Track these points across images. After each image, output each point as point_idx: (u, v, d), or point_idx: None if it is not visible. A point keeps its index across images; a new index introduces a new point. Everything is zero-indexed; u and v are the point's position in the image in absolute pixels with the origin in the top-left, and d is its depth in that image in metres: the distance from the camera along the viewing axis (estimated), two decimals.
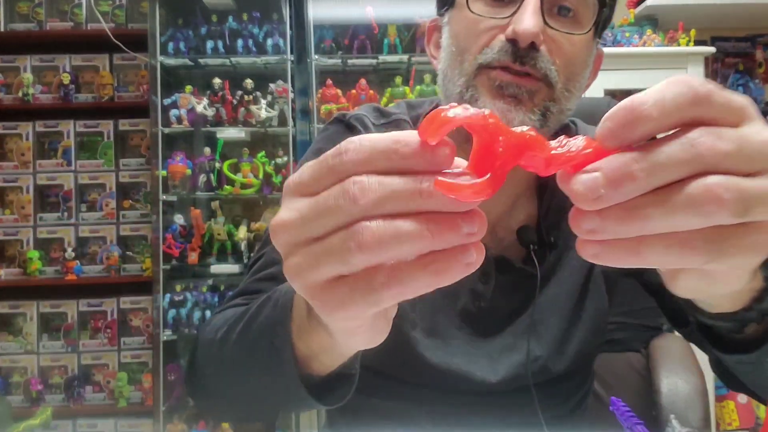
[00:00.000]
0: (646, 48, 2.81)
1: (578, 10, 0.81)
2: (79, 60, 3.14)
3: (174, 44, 2.91)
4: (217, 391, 0.77)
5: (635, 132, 0.35)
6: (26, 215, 3.08)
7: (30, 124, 3.10)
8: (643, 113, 0.34)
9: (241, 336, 0.69)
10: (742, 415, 2.86)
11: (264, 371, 0.65)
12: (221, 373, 0.74)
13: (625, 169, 0.34)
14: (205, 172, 2.91)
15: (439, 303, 0.90)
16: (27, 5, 3.14)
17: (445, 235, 0.35)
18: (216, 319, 0.79)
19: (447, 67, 0.86)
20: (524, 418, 0.89)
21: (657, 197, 0.34)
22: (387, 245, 0.35)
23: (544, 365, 0.90)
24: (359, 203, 0.35)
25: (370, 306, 0.37)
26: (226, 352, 0.72)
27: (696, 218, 0.34)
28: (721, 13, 3.07)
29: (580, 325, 0.93)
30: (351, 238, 0.35)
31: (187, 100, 2.88)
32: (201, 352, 0.78)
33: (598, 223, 0.34)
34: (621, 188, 0.34)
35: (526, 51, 0.77)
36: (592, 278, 0.93)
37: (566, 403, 0.97)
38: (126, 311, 3.07)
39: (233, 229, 2.95)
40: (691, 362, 1.35)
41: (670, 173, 0.34)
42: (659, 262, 0.36)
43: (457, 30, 0.84)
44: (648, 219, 0.34)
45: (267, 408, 0.74)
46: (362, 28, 2.96)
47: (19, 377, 3.02)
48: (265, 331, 0.64)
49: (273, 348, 0.61)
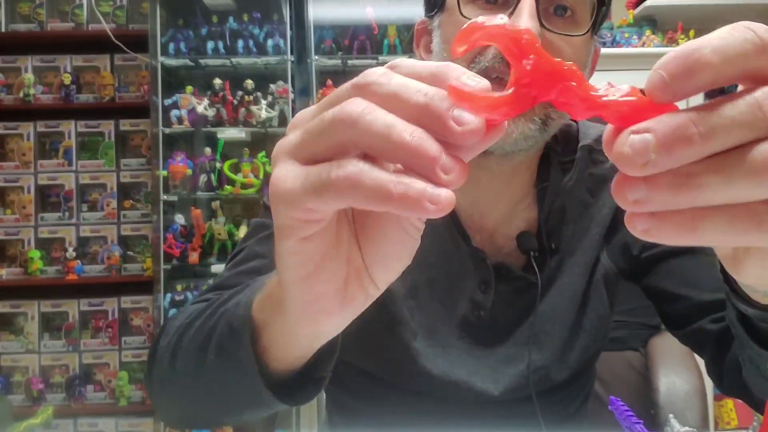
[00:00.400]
0: (646, 49, 2.82)
1: (575, 9, 0.78)
2: (80, 60, 3.14)
3: (174, 45, 2.92)
4: (171, 383, 0.71)
5: (691, 83, 0.30)
6: (27, 215, 3.09)
7: (31, 125, 3.10)
8: (701, 60, 0.30)
9: (203, 323, 0.65)
10: (741, 414, 2.87)
11: (218, 361, 0.60)
12: (177, 361, 0.68)
13: (682, 132, 0.29)
14: (206, 172, 2.91)
15: (438, 312, 0.89)
16: (28, 6, 3.14)
17: (420, 156, 0.32)
18: (187, 309, 0.75)
19: None
20: (526, 427, 0.89)
21: (715, 163, 0.30)
22: (372, 133, 0.33)
23: (545, 374, 0.89)
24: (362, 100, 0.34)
25: (319, 190, 0.35)
26: (185, 339, 0.67)
27: (760, 189, 0.29)
28: (719, 13, 3.07)
29: (581, 333, 0.92)
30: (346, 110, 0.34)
31: (187, 100, 2.88)
32: (163, 339, 0.73)
33: (645, 192, 0.30)
34: (675, 153, 0.29)
35: None
36: (593, 284, 0.91)
37: (567, 408, 0.97)
38: (127, 311, 3.07)
39: (234, 229, 2.95)
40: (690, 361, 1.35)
41: (733, 137, 0.29)
42: (719, 240, 0.32)
43: (448, 35, 0.82)
44: (704, 188, 0.30)
45: (219, 406, 0.65)
46: (362, 29, 2.96)
47: (20, 376, 3.02)
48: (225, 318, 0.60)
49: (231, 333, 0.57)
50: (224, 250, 2.92)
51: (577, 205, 0.91)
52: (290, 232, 0.39)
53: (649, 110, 0.30)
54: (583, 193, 0.91)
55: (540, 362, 0.89)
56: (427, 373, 0.88)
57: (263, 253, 0.85)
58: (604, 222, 0.90)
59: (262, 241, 0.87)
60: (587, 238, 0.90)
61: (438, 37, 0.84)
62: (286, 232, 0.39)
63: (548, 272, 0.89)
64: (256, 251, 0.86)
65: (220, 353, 0.59)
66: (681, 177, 0.30)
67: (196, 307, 0.72)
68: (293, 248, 0.40)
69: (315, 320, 0.44)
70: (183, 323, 0.70)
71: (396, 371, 0.90)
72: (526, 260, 0.88)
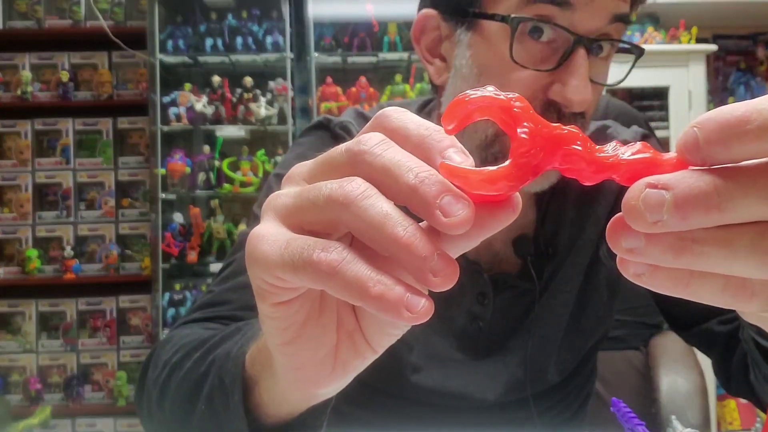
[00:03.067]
0: (648, 46, 2.80)
1: (611, 49, 0.76)
2: (77, 58, 3.13)
3: (173, 42, 2.91)
4: (160, 421, 0.69)
5: (727, 153, 0.27)
6: (25, 214, 3.08)
7: (29, 123, 3.10)
8: (747, 129, 0.26)
9: (194, 366, 0.62)
10: (743, 414, 2.85)
11: (208, 412, 0.58)
12: (165, 402, 0.66)
13: (703, 198, 0.27)
14: (205, 171, 2.90)
15: (435, 325, 0.85)
16: (26, 3, 3.13)
17: (411, 254, 0.31)
18: (178, 338, 0.71)
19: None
20: (520, 421, 0.88)
21: (723, 235, 0.28)
22: (367, 221, 0.32)
23: (542, 376, 0.88)
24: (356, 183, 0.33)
25: (297, 266, 0.33)
26: (174, 380, 0.64)
27: (761, 270, 0.28)
28: (722, 10, 3.06)
29: (578, 334, 0.90)
30: (343, 190, 0.33)
31: (186, 98, 2.87)
32: (152, 371, 0.70)
33: (642, 246, 0.28)
34: (690, 218, 0.27)
35: (572, 116, 0.71)
36: (592, 285, 0.89)
37: (565, 411, 0.95)
38: (125, 310, 3.07)
39: (233, 227, 2.94)
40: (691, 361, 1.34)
41: (752, 213, 0.27)
42: (710, 300, 0.30)
43: (487, 67, 0.74)
44: (705, 258, 0.28)
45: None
46: (362, 26, 2.95)
47: (18, 376, 3.01)
48: (218, 367, 0.57)
49: (221, 386, 0.55)
50: (223, 249, 2.91)
51: (574, 206, 0.89)
52: (264, 295, 0.37)
53: (666, 169, 0.28)
54: (579, 193, 0.88)
55: (537, 364, 0.87)
56: (424, 386, 0.87)
57: None
58: (601, 220, 0.88)
59: None
60: (583, 238, 0.88)
61: (467, 59, 0.76)
62: (261, 295, 0.38)
63: (545, 276, 0.87)
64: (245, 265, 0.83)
65: (210, 406, 0.57)
66: (685, 241, 0.28)
67: (186, 339, 0.69)
68: (269, 312, 0.38)
69: (304, 386, 0.43)
70: (171, 360, 0.67)
71: (392, 383, 0.88)
72: (523, 264, 0.86)
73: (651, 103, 2.85)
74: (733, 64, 3.32)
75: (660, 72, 2.77)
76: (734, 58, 3.32)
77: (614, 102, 1.35)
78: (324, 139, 0.89)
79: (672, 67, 2.77)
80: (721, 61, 3.30)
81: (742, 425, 2.84)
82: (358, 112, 0.93)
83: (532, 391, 0.86)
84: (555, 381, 0.90)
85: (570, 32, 0.69)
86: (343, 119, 0.90)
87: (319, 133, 0.91)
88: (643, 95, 2.87)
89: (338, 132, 0.88)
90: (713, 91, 3.25)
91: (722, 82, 3.29)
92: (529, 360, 0.86)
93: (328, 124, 0.90)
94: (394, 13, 2.95)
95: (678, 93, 2.77)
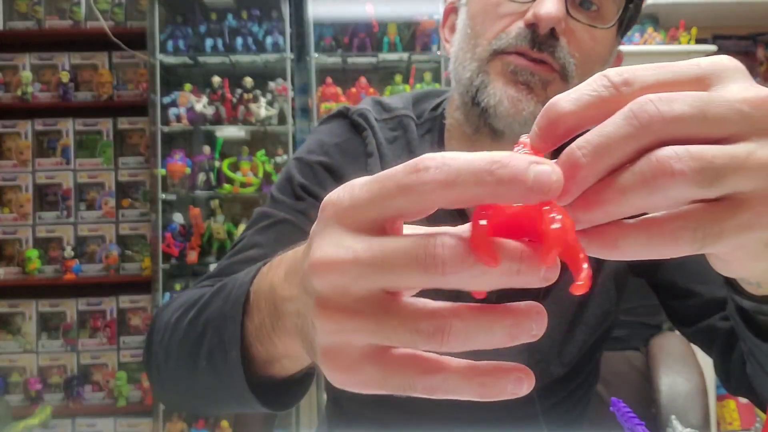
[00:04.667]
0: (647, 46, 2.81)
1: (602, 5, 0.78)
2: (78, 58, 3.14)
3: (173, 42, 2.91)
4: (168, 379, 0.72)
5: (557, 131, 0.34)
6: (25, 214, 3.08)
7: (29, 123, 3.10)
8: (558, 111, 0.33)
9: (190, 326, 0.65)
10: (743, 414, 2.85)
11: (209, 368, 0.61)
12: (170, 361, 0.69)
13: (571, 158, 0.31)
14: (205, 171, 2.90)
15: None
16: (26, 3, 3.13)
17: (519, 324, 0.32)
18: (178, 299, 0.74)
19: (459, 50, 0.83)
20: (525, 420, 0.88)
21: (610, 179, 0.31)
22: (466, 329, 0.31)
23: (545, 369, 0.89)
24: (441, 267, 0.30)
25: (396, 390, 0.33)
26: (174, 340, 0.68)
27: (652, 196, 0.31)
28: (722, 11, 3.06)
29: (582, 327, 0.91)
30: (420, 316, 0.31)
31: (186, 98, 2.88)
32: (156, 334, 0.73)
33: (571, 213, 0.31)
34: (574, 180, 0.31)
35: (546, 38, 0.75)
36: (600, 279, 0.90)
37: (572, 409, 0.96)
38: (125, 310, 3.07)
39: (233, 227, 2.95)
40: (692, 361, 1.34)
41: (619, 151, 0.31)
42: (643, 254, 0.33)
43: (475, 11, 0.81)
44: (606, 204, 0.31)
45: (214, 404, 0.68)
46: (362, 26, 2.96)
47: (18, 377, 3.02)
48: (213, 325, 0.60)
49: (220, 344, 0.58)
50: (223, 249, 2.91)
51: None
52: None
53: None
54: None
55: (539, 356, 0.88)
56: None
57: (261, 243, 0.84)
58: None
59: (262, 231, 0.86)
60: None
61: (463, 14, 0.84)
62: None
63: None
64: (255, 240, 0.85)
65: (210, 362, 0.60)
66: (585, 197, 0.32)
67: (181, 299, 0.72)
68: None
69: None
70: (170, 322, 0.69)
71: None
72: None
73: None
74: None
75: None
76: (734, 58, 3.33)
77: None
78: (342, 126, 0.93)
79: None
80: None
81: (742, 425, 2.84)
82: (375, 100, 0.96)
83: (537, 385, 0.87)
84: (559, 374, 0.90)
85: None
86: (361, 107, 0.93)
87: (338, 121, 0.94)
88: None
89: (356, 119, 0.91)
90: None
91: None
92: (532, 351, 0.86)
93: (346, 112, 0.94)
94: (394, 13, 2.96)
95: None
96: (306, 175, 0.88)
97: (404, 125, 0.91)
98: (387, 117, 0.92)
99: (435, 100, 0.95)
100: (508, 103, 0.76)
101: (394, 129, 0.91)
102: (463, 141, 0.87)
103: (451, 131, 0.90)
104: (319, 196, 0.86)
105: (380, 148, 0.88)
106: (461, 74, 0.82)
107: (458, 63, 0.83)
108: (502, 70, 0.77)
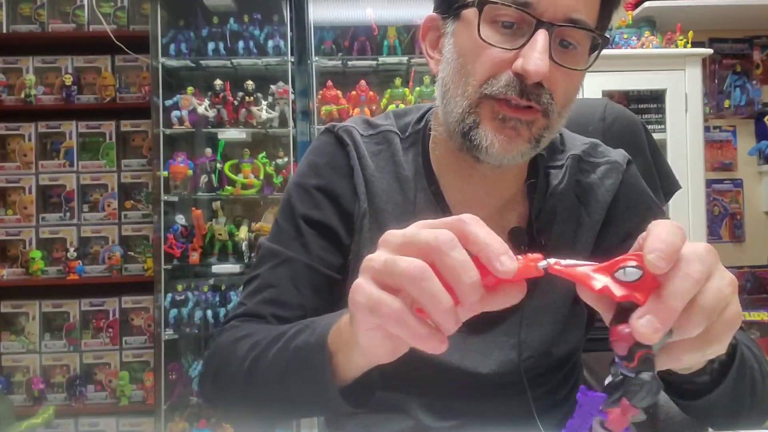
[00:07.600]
0: (644, 50, 2.83)
1: (580, 42, 0.82)
2: (81, 61, 3.16)
3: (175, 46, 2.93)
4: (244, 403, 0.83)
5: None
6: (28, 215, 3.10)
7: (32, 125, 3.12)
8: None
9: (279, 354, 0.76)
10: None
11: (300, 383, 0.72)
12: (253, 387, 0.80)
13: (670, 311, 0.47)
14: (207, 173, 2.92)
15: None
16: (29, 7, 3.16)
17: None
18: (231, 336, 0.87)
19: (450, 81, 0.86)
20: (516, 407, 0.93)
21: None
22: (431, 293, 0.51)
23: (536, 361, 0.93)
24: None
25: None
26: (260, 368, 0.79)
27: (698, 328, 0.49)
28: (718, 14, 3.09)
29: (573, 324, 0.97)
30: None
31: (188, 101, 2.90)
32: (225, 368, 0.85)
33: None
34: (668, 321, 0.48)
35: (533, 88, 0.79)
36: None
37: (556, 392, 1.00)
38: (128, 311, 3.09)
39: (234, 229, 2.97)
40: None
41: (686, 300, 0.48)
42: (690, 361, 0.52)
43: (464, 49, 0.84)
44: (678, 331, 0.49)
45: (294, 414, 0.85)
46: (362, 30, 2.98)
47: (21, 376, 3.04)
48: (302, 351, 0.72)
49: (310, 364, 0.69)
50: (225, 250, 2.94)
51: (567, 207, 0.95)
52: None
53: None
54: (572, 197, 0.96)
55: (530, 350, 0.93)
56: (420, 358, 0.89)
57: (274, 283, 0.92)
58: (594, 227, 0.96)
59: (272, 270, 0.94)
60: (578, 241, 0.95)
61: (451, 43, 0.86)
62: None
63: None
64: (269, 281, 0.93)
65: (300, 378, 0.72)
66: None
67: (258, 336, 0.83)
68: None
69: (372, 359, 0.63)
70: (250, 354, 0.81)
71: None
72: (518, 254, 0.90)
73: (648, 106, 2.88)
74: (729, 67, 3.34)
75: (657, 75, 2.80)
76: (730, 61, 3.35)
77: (612, 105, 1.39)
78: (329, 143, 0.99)
79: (669, 71, 2.80)
80: (717, 64, 3.33)
81: None
82: (363, 118, 1.03)
83: (525, 373, 0.91)
84: (547, 365, 0.95)
85: (531, 15, 0.77)
86: (347, 124, 1.00)
87: (324, 138, 1.01)
88: (640, 98, 2.90)
89: (340, 135, 0.98)
90: (709, 94, 3.28)
91: (718, 85, 3.32)
92: (521, 345, 0.92)
93: (332, 129, 1.00)
94: (394, 17, 2.98)
95: (675, 96, 2.79)
96: (305, 202, 0.95)
97: (388, 139, 0.97)
98: (372, 133, 0.98)
99: (417, 114, 1.01)
100: (498, 146, 0.81)
101: (379, 143, 0.97)
102: (448, 154, 0.93)
103: (437, 143, 0.94)
104: (318, 222, 0.94)
105: (362, 160, 0.95)
106: (451, 106, 0.85)
107: (448, 92, 0.86)
108: (491, 115, 0.81)
